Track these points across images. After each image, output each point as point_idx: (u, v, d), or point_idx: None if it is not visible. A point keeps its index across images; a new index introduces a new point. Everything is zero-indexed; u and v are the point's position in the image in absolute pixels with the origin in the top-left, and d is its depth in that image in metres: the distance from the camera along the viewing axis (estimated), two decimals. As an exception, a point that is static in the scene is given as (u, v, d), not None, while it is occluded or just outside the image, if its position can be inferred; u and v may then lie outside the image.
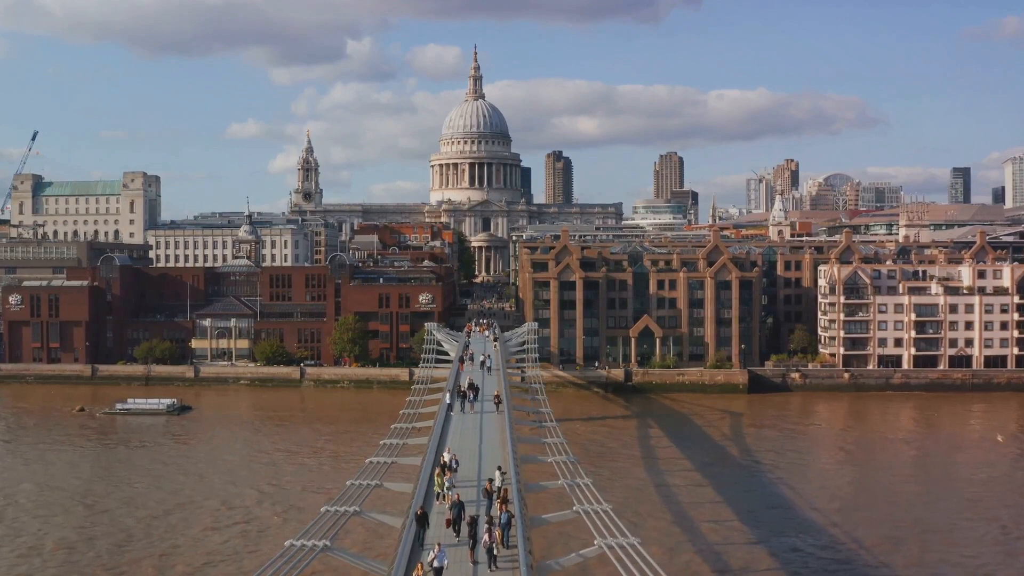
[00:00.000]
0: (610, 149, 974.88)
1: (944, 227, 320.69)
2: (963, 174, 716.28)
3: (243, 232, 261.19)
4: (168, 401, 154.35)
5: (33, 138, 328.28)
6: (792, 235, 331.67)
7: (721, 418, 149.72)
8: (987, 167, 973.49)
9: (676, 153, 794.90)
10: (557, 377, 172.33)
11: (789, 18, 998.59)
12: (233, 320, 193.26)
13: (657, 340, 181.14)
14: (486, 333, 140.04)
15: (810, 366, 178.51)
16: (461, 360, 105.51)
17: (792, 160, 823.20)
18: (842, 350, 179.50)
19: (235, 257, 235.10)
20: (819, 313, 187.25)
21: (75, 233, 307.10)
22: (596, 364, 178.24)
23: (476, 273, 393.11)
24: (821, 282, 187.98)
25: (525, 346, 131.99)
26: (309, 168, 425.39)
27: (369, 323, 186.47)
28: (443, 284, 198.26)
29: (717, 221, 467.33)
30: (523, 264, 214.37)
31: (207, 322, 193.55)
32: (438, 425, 67.48)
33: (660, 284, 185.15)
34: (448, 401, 79.37)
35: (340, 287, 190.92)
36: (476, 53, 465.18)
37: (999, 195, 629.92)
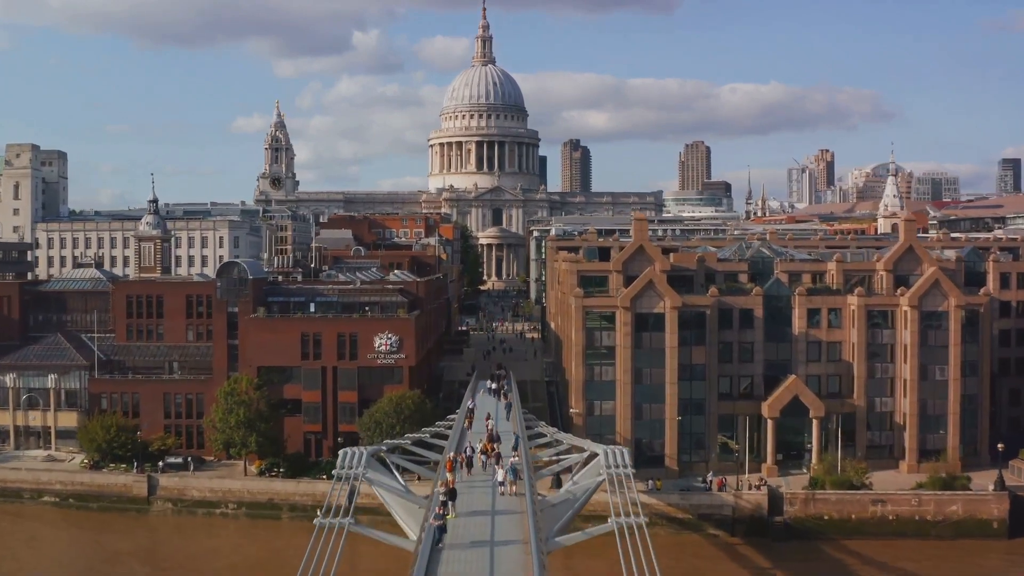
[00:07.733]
0: (620, 144, 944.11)
1: None
2: (1013, 165, 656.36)
3: (145, 225, 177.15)
4: None
5: None
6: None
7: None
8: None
9: (703, 142, 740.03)
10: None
11: (802, 10, 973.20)
12: (53, 376, 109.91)
13: (813, 423, 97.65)
14: (499, 475, 55.35)
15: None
16: None
17: (827, 150, 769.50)
18: None
19: (77, 265, 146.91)
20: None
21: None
22: (708, 476, 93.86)
23: (484, 278, 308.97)
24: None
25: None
26: (278, 148, 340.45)
27: (284, 387, 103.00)
28: (421, 313, 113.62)
29: (767, 214, 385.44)
30: (557, 276, 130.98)
31: (9, 378, 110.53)
32: None
33: (812, 317, 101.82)
34: None
35: (237, 320, 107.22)
36: (484, 10, 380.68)
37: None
